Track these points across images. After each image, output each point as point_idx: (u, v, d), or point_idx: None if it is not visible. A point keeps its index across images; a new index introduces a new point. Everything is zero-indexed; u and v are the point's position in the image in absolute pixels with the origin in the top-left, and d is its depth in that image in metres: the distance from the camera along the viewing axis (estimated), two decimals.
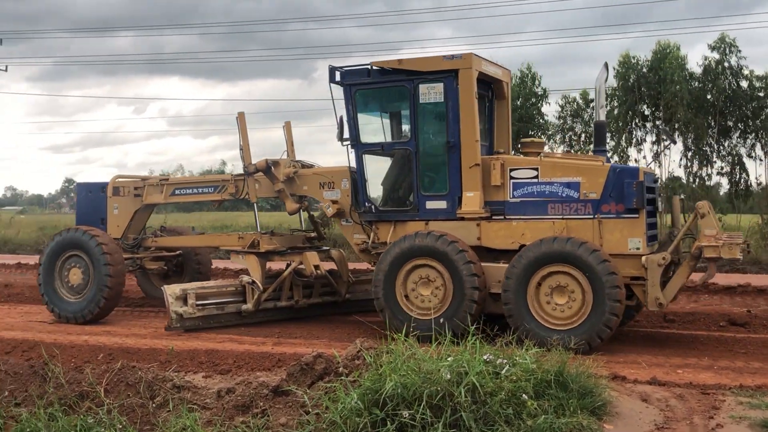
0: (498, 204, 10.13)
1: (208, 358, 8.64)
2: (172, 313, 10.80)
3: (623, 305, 9.11)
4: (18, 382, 6.97)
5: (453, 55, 10.15)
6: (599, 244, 9.43)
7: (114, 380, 6.60)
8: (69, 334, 10.50)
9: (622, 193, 9.47)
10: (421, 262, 9.97)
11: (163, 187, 12.77)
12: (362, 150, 10.79)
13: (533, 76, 23.29)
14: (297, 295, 11.91)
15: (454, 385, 5.24)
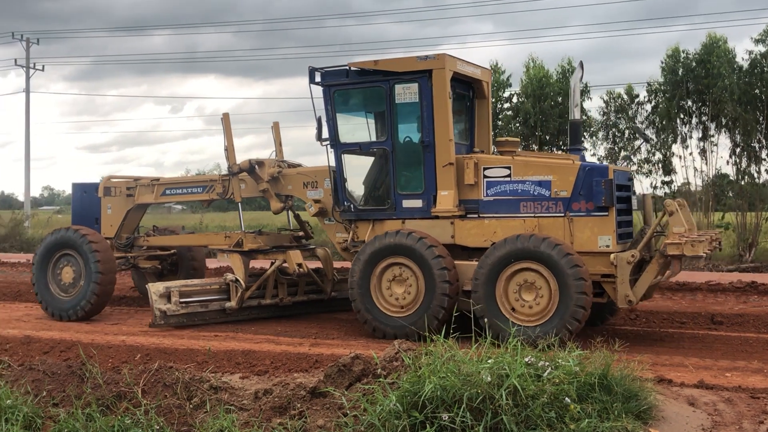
0: (472, 202, 10.51)
1: (245, 359, 8.70)
2: (156, 311, 11.16)
3: (590, 298, 9.37)
4: (56, 382, 7.08)
5: (426, 56, 10.51)
6: (570, 242, 9.76)
7: (151, 381, 6.68)
8: (106, 334, 10.64)
9: (591, 192, 9.78)
10: (393, 261, 10.35)
11: (155, 188, 13.24)
12: (341, 150, 11.19)
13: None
14: (282, 293, 12.29)
15: (494, 388, 5.21)
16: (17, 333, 10.49)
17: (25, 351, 9.35)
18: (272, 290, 12.22)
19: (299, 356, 8.76)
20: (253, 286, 11.92)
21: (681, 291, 14.32)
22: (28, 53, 48.45)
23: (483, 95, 11.83)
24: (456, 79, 10.98)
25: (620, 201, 10.03)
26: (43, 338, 10.03)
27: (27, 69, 48.39)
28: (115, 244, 13.28)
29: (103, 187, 13.59)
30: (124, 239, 13.48)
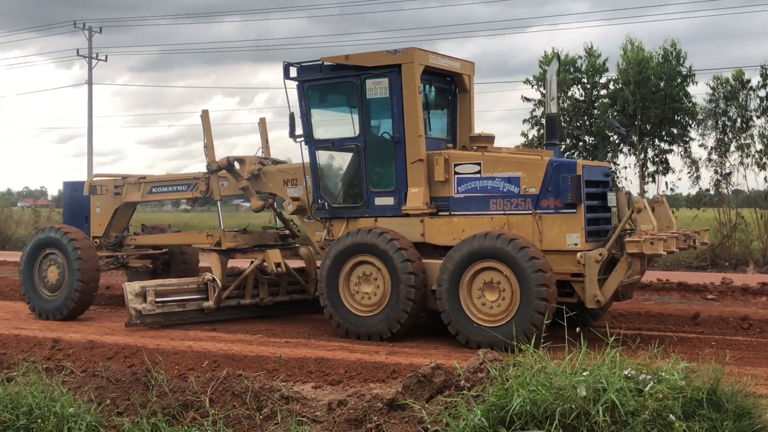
0: (443, 200, 10.94)
1: (318, 368, 8.77)
2: (131, 310, 11.74)
3: (552, 298, 9.69)
4: (120, 389, 7.27)
5: (396, 50, 10.93)
6: (539, 240, 10.18)
7: (219, 389, 6.79)
8: (172, 340, 10.87)
9: (558, 188, 10.13)
10: (361, 259, 10.89)
11: (141, 186, 13.97)
12: (315, 146, 11.71)
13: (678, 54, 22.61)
14: (262, 292, 12.91)
15: (590, 403, 5.12)
16: (80, 337, 10.80)
17: (89, 356, 9.63)
18: (252, 290, 12.80)
19: (375, 365, 8.78)
20: (231, 285, 12.51)
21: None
22: (90, 43, 49.92)
23: (465, 89, 12.17)
24: (434, 73, 11.54)
25: (592, 198, 10.35)
26: (106, 343, 10.30)
27: (89, 59, 49.87)
28: (103, 243, 14.08)
29: (89, 186, 14.38)
30: (113, 238, 14.16)
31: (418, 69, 10.91)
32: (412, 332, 11.39)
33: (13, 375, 7.86)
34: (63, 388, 7.06)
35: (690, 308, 13.22)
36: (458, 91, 12.27)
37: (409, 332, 11.20)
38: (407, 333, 10.90)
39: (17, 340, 10.52)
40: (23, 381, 7.40)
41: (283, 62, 11.57)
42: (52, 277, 13.25)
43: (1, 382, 7.61)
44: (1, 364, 8.58)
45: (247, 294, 12.78)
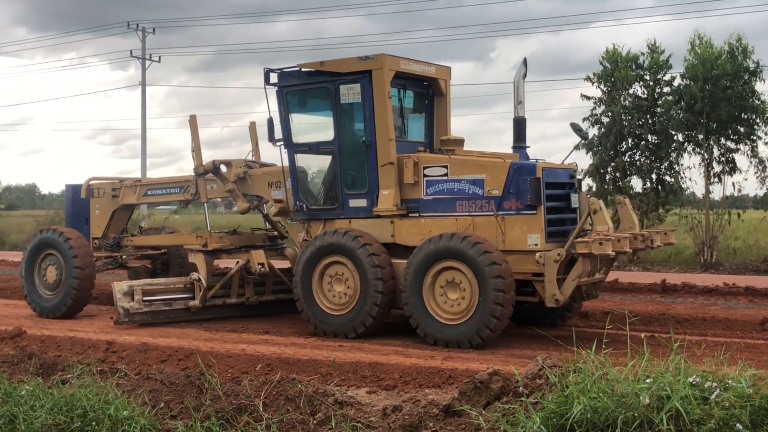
0: (414, 201, 11.51)
1: (372, 372, 8.79)
2: (120, 308, 12.46)
3: (509, 296, 10.23)
4: (174, 392, 7.36)
5: (367, 56, 11.51)
6: (502, 240, 10.70)
7: (273, 393, 6.84)
8: (225, 343, 10.99)
9: (519, 190, 10.64)
10: (333, 260, 11.49)
11: (137, 188, 14.80)
12: (294, 150, 12.33)
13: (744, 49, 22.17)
14: (248, 292, 13.56)
15: (654, 411, 5.05)
16: (134, 340, 10.98)
17: (142, 359, 9.78)
18: (238, 289, 13.50)
19: (431, 370, 8.77)
20: (216, 285, 13.21)
21: None
22: (144, 44, 50.73)
23: (441, 93, 12.72)
24: (410, 78, 12.16)
25: (553, 199, 10.84)
26: (160, 346, 10.46)
27: (143, 60, 50.65)
28: (102, 244, 14.89)
29: (86, 188, 15.14)
30: (111, 239, 14.98)
31: (388, 75, 11.45)
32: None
33: (68, 377, 8.01)
34: (117, 390, 7.18)
35: (758, 313, 12.97)
36: (435, 95, 12.80)
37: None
38: None
39: (72, 342, 10.73)
40: (78, 383, 7.54)
41: (263, 68, 12.21)
42: (51, 276, 14.04)
43: (56, 384, 7.77)
44: (56, 367, 8.75)
45: (233, 293, 13.49)
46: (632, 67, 22.67)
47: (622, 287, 15.92)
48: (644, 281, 16.49)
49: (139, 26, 50.82)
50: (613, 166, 22.67)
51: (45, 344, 10.73)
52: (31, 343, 10.72)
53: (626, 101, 22.57)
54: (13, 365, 8.80)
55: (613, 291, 15.65)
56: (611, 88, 22.74)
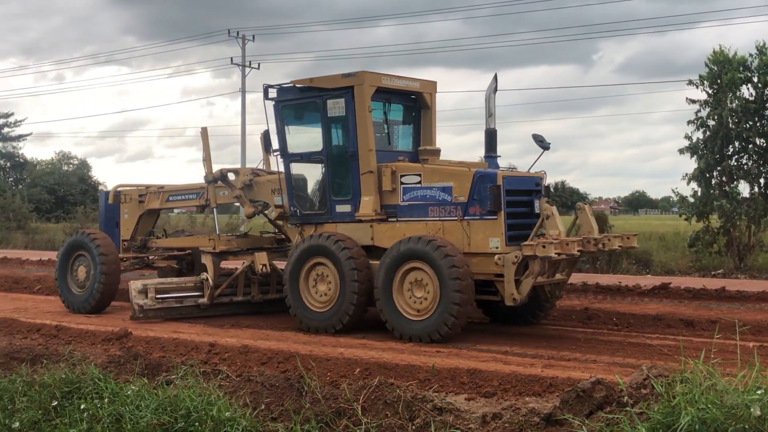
0: (392, 207, 12.49)
1: (471, 379, 8.72)
2: (135, 305, 13.73)
3: (466, 295, 11.12)
4: (274, 395, 7.48)
5: (350, 74, 12.58)
6: (467, 244, 11.58)
7: (371, 398, 6.88)
8: (324, 346, 11.10)
9: (482, 197, 11.52)
10: (316, 261, 12.58)
11: (160, 194, 16.00)
12: (289, 159, 13.41)
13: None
14: (254, 291, 14.73)
15: (765, 424, 4.89)
16: (235, 342, 11.18)
17: (243, 361, 9.94)
18: (244, 288, 14.62)
19: (530, 378, 8.66)
20: (223, 284, 14.35)
21: None
22: (243, 51, 51.85)
23: (426, 106, 13.66)
24: (395, 92, 13.18)
25: (515, 205, 11.69)
26: (260, 348, 10.62)
27: (243, 68, 51.79)
28: (130, 246, 16.14)
29: (113, 194, 16.56)
30: (138, 241, 16.18)
31: (369, 90, 12.45)
32: (570, 344, 11.19)
33: (172, 378, 8.22)
34: (219, 392, 7.34)
35: None
36: (421, 108, 13.72)
37: (569, 344, 11.03)
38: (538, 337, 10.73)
39: (176, 344, 10.99)
40: (181, 384, 7.74)
41: (263, 85, 13.34)
42: (81, 275, 15.33)
43: (161, 384, 7.99)
44: (161, 367, 8.99)
45: (239, 292, 14.63)
46: (740, 69, 21.97)
47: (729, 295, 15.44)
48: (753, 289, 15.96)
49: (239, 34, 51.88)
50: (719, 170, 22.01)
51: (150, 345, 11.03)
52: (136, 344, 11.04)
53: (733, 104, 21.89)
54: (119, 365, 9.09)
55: (720, 299, 15.20)
56: (717, 90, 22.08)
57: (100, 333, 11.93)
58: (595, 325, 13.01)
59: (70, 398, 7.98)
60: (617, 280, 17.65)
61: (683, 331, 12.15)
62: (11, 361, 9.67)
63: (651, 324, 12.76)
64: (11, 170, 70.40)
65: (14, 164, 70.29)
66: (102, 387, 7.99)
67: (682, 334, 11.80)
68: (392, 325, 11.73)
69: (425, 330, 11.35)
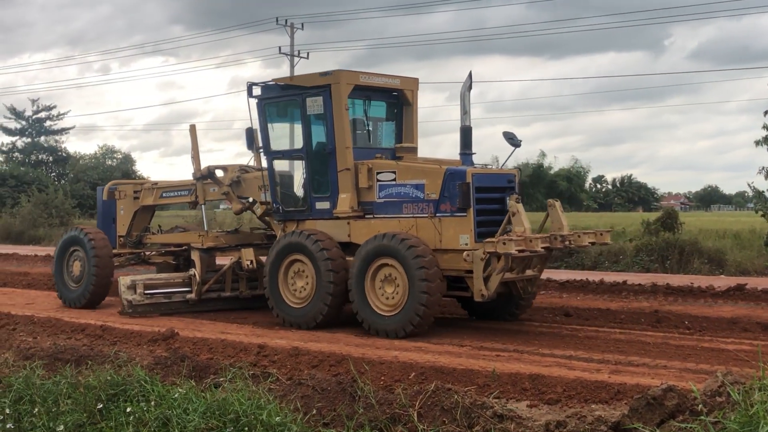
0: (369, 204, 13.18)
1: (533, 385, 8.68)
2: (124, 300, 14.61)
3: (434, 284, 11.78)
4: (326, 399, 7.51)
5: (326, 72, 13.32)
6: (439, 240, 12.22)
7: (428, 403, 6.88)
8: (377, 349, 11.12)
9: (451, 194, 12.14)
10: (294, 258, 13.29)
11: (154, 191, 16.82)
12: (271, 157, 14.19)
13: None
14: (242, 286, 15.55)
15: None
16: (285, 344, 11.25)
17: (294, 364, 10.01)
18: (232, 284, 15.41)
19: (596, 384, 8.58)
20: (210, 280, 15.16)
21: None
22: (292, 40, 52.14)
23: (408, 103, 14.39)
24: (375, 90, 13.95)
25: (485, 202, 12.25)
26: (311, 350, 10.67)
27: (291, 57, 52.07)
28: (126, 242, 16.94)
29: (107, 191, 17.39)
30: (134, 237, 16.95)
31: (346, 89, 13.16)
32: (640, 349, 11.07)
33: (221, 381, 8.31)
34: (269, 395, 7.39)
35: None
36: (403, 104, 14.42)
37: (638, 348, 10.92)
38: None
39: (223, 345, 11.11)
40: (230, 387, 7.81)
41: (247, 83, 14.14)
42: (76, 270, 16.16)
43: (208, 387, 8.07)
44: (209, 370, 9.09)
45: (227, 287, 15.43)
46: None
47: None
48: None
49: (287, 22, 52.14)
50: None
51: (197, 346, 11.15)
52: (183, 346, 11.17)
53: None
54: (166, 367, 9.21)
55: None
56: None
57: (146, 333, 12.10)
58: (666, 328, 12.86)
59: (115, 401, 8.10)
60: (689, 281, 17.43)
61: (760, 335, 11.96)
62: (56, 362, 9.83)
63: (726, 327, 12.60)
64: (54, 165, 71.50)
65: (57, 159, 71.40)
66: (148, 389, 8.09)
67: (759, 339, 11.60)
68: (365, 320, 12.40)
69: (396, 325, 12.01)
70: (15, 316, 14.02)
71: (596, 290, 16.73)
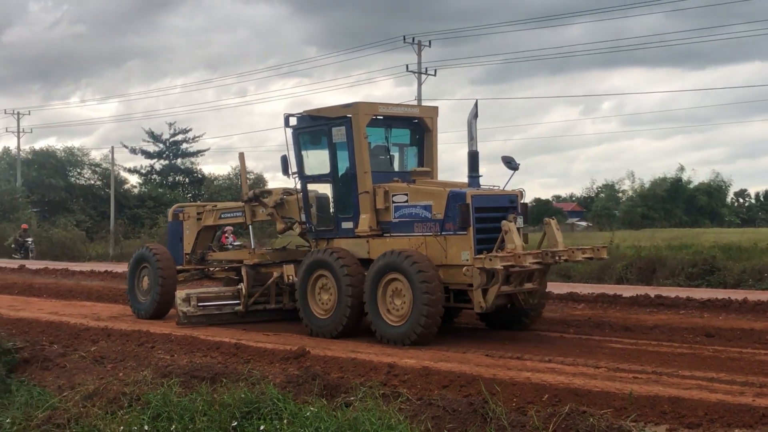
0: (386, 224, 14.54)
1: (672, 408, 8.43)
2: (180, 312, 16.16)
3: (436, 303, 12.94)
4: (456, 420, 7.48)
5: (348, 104, 14.80)
6: (445, 256, 13.43)
7: (562, 426, 6.77)
8: (509, 370, 10.99)
9: (454, 214, 13.30)
10: (320, 273, 14.65)
11: (214, 212, 18.35)
12: (305, 181, 15.67)
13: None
14: (285, 299, 16.86)
15: None
16: (415, 363, 11.26)
17: (424, 383, 10.00)
18: (276, 297, 16.97)
19: (740, 408, 8.28)
20: (256, 293, 16.67)
21: None
22: (419, 57, 52.46)
23: (428, 129, 15.77)
24: (396, 118, 15.48)
25: (485, 222, 13.37)
26: (441, 370, 10.64)
27: (419, 75, 52.35)
28: (191, 259, 18.46)
29: (172, 213, 19.31)
30: (197, 254, 18.47)
31: (364, 119, 14.53)
32: None
33: (351, 400, 8.37)
34: (400, 415, 7.40)
35: None
36: (424, 131, 15.80)
37: None
38: None
39: (354, 364, 11.20)
40: (361, 407, 7.87)
41: (284, 114, 15.67)
42: (145, 284, 17.94)
43: (340, 406, 8.14)
44: (340, 388, 9.17)
45: (272, 300, 17.00)
46: None
47: None
48: None
49: (414, 40, 52.47)
50: None
51: (328, 365, 11.28)
52: (314, 364, 11.32)
53: None
54: (298, 385, 9.34)
55: None
56: None
57: (278, 351, 12.32)
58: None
59: (249, 418, 8.26)
60: None
61: None
62: (191, 379, 10.10)
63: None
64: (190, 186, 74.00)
65: (192, 180, 73.86)
66: (281, 407, 8.22)
67: None
68: (377, 329, 13.63)
69: (402, 334, 13.20)
70: (153, 335, 14.50)
71: (739, 309, 16.16)
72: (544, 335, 14.35)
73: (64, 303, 21.75)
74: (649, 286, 21.54)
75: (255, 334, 14.93)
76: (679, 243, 31.22)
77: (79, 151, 73.87)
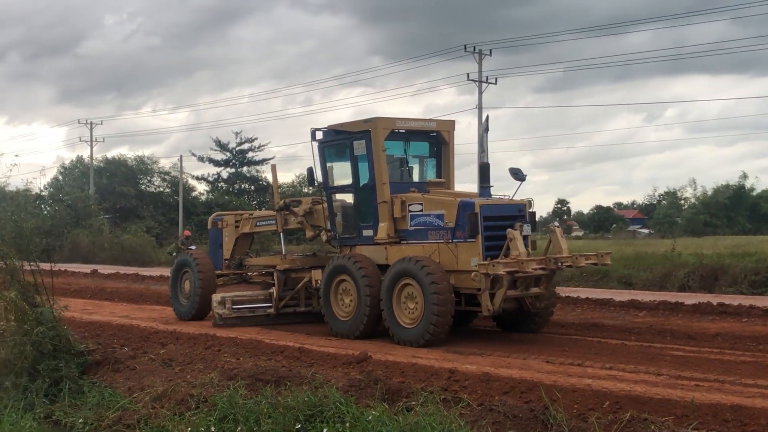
0: (403, 231, 15.34)
1: (735, 416, 8.29)
2: (216, 314, 17.21)
3: (445, 306, 13.60)
4: (518, 426, 7.44)
5: (368, 119, 15.52)
6: (456, 262, 14.08)
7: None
8: (570, 376, 10.90)
9: (463, 223, 14.00)
10: (341, 278, 15.45)
11: (251, 220, 19.30)
12: (330, 191, 16.53)
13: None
14: (314, 302, 17.23)
15: None
16: (476, 369, 11.23)
17: (484, 389, 9.96)
18: (306, 300, 17.67)
19: None
20: (286, 297, 17.50)
21: None
22: (480, 66, 52.16)
23: (445, 142, 16.53)
24: (414, 132, 16.17)
25: (494, 229, 13.98)
26: (502, 376, 10.59)
27: (479, 84, 52.08)
28: (230, 264, 19.44)
29: (211, 221, 20.16)
30: (236, 260, 19.46)
31: (383, 133, 15.36)
32: None
33: (412, 404, 8.37)
34: (460, 421, 7.39)
35: None
36: (441, 144, 16.54)
37: None
38: None
39: (415, 369, 11.21)
40: (422, 411, 7.88)
41: (310, 129, 16.46)
42: (186, 288, 18.89)
43: (401, 411, 8.16)
44: (401, 393, 9.19)
45: (301, 303, 17.75)
46: None
47: None
48: None
49: (475, 49, 52.31)
50: None
51: (389, 370, 11.30)
52: (376, 369, 11.36)
53: None
54: (360, 390, 9.38)
55: None
56: None
57: (340, 356, 12.39)
58: None
59: (312, 421, 8.32)
60: None
61: None
62: (256, 382, 10.21)
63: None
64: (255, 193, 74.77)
65: (258, 187, 74.58)
66: (343, 411, 8.27)
67: None
68: (393, 332, 14.35)
69: (417, 335, 13.88)
70: (220, 338, 14.70)
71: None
72: (605, 343, 14.20)
73: (134, 307, 22.21)
74: (711, 293, 21.18)
75: (318, 339, 15.08)
76: (742, 251, 30.56)
77: (149, 159, 75.48)
